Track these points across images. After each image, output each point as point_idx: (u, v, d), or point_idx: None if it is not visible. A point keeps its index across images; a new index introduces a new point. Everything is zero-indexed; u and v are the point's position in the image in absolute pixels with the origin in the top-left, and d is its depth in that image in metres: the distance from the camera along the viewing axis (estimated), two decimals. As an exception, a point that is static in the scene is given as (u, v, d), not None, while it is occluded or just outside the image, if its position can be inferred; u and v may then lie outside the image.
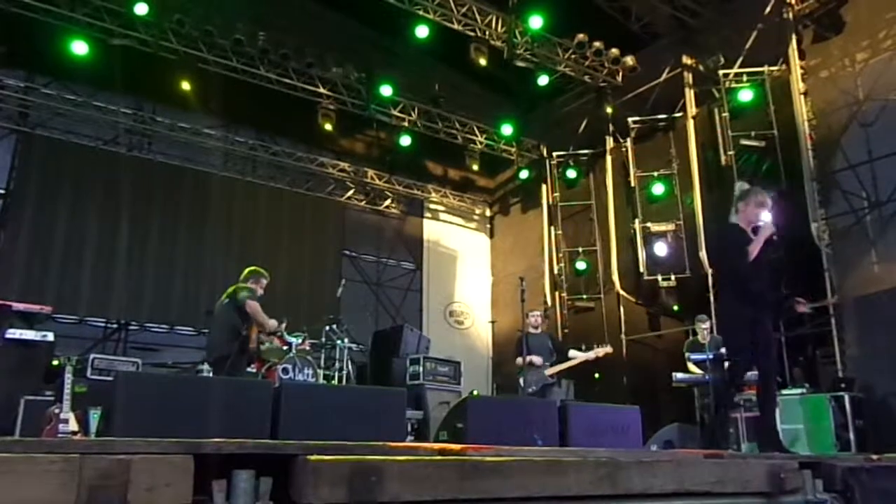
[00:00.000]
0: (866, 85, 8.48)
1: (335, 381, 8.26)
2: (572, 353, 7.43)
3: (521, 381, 7.27)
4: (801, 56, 9.05)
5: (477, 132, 12.43)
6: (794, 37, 9.08)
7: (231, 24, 9.74)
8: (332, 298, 10.03)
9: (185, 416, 3.91)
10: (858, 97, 8.55)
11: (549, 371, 7.33)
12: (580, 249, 11.94)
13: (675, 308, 10.49)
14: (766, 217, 4.45)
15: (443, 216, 14.03)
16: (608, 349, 7.40)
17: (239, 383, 5.15)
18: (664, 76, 10.66)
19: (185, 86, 9.80)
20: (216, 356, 6.24)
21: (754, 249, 4.23)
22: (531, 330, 7.59)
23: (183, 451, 1.52)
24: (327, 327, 8.67)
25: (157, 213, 10.54)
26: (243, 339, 6.17)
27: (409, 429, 7.91)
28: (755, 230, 4.43)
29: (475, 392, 9.90)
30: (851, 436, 6.87)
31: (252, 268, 6.59)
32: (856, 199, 8.40)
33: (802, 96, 8.94)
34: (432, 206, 13.89)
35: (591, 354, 7.41)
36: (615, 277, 11.27)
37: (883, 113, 8.29)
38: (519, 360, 7.35)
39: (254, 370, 7.12)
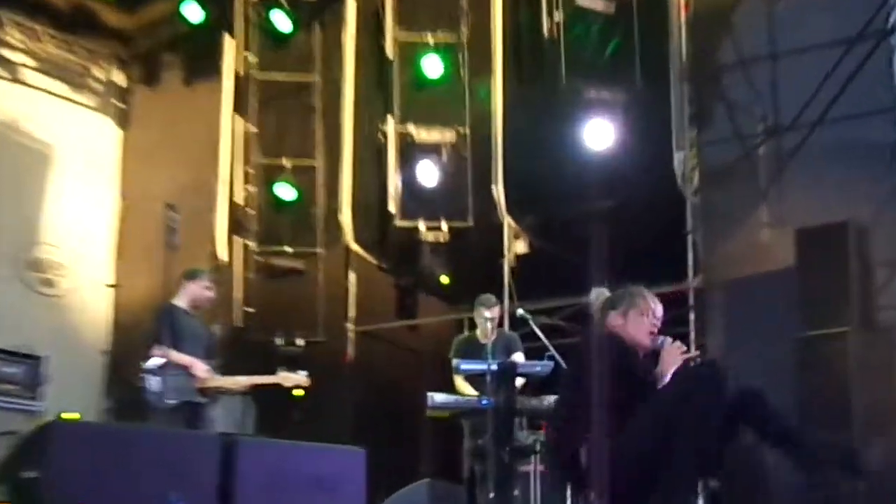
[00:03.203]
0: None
1: None
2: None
3: (152, 382, 7.55)
4: None
5: (108, -78, 11.97)
6: None
7: None
8: None
9: None
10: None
11: (204, 383, 7.66)
12: (286, 163, 11.97)
13: (444, 280, 11.06)
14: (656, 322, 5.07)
15: (29, 75, 13.21)
16: (302, 380, 7.91)
17: None
18: None
19: None
20: None
21: (665, 372, 4.88)
22: (188, 307, 7.99)
23: None
24: None
25: None
26: None
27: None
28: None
29: (70, 414, 9.42)
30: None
31: None
32: (746, 118, 9.18)
33: (677, -63, 9.76)
34: (7, 54, 13.09)
35: (268, 379, 7.87)
36: (345, 218, 11.47)
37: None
38: (157, 351, 7.62)
39: None
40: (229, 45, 12.49)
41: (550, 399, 7.68)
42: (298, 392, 8.17)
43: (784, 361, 8.16)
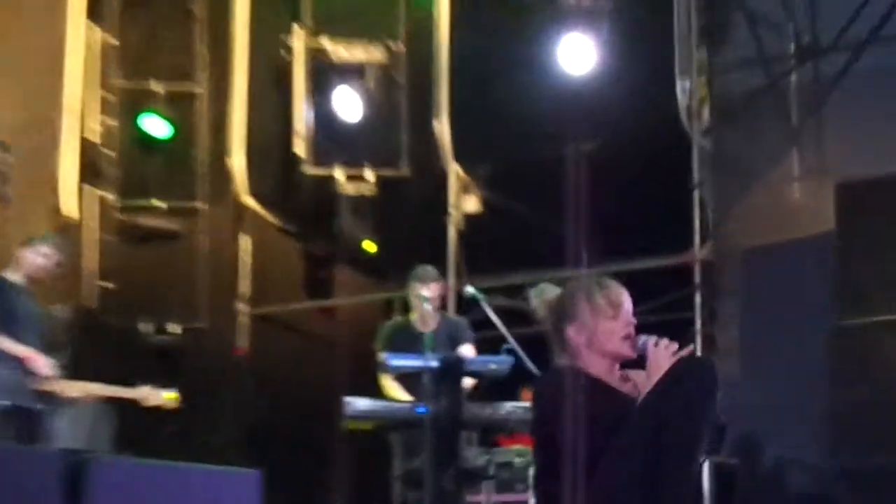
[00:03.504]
0: None
1: None
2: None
3: None
4: None
5: None
6: None
7: None
8: None
9: None
10: None
11: (45, 384, 7.56)
12: (157, 87, 11.59)
13: (370, 248, 10.89)
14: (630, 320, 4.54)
15: None
16: (168, 401, 7.95)
17: None
18: None
19: None
20: None
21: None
22: (23, 281, 7.94)
23: None
24: None
25: None
26: None
27: None
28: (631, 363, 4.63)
29: None
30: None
31: None
32: (774, 35, 9.06)
33: None
34: None
35: (123, 393, 7.99)
36: (236, 163, 11.35)
37: None
38: None
39: None
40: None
41: (508, 407, 7.60)
42: (169, 396, 7.98)
43: (817, 358, 8.06)
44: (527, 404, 7.77)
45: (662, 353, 4.44)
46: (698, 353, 8.37)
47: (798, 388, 8.14)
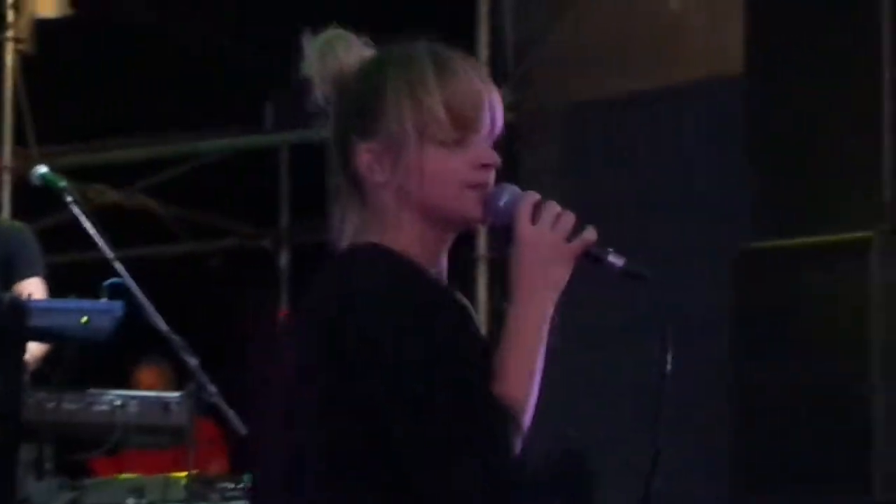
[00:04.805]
0: None
1: None
2: None
3: None
4: None
5: None
6: None
7: None
8: None
9: None
10: None
11: None
12: None
13: None
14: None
15: None
16: None
17: None
18: None
19: None
20: None
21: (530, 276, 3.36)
22: None
23: None
24: None
25: None
26: None
27: None
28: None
29: None
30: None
31: None
32: None
33: None
34: None
35: None
36: None
37: None
38: None
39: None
40: None
41: (114, 398, 7.61)
42: None
43: (707, 305, 8.42)
44: (148, 393, 8.37)
45: (545, 234, 2.98)
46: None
47: (675, 364, 7.04)
